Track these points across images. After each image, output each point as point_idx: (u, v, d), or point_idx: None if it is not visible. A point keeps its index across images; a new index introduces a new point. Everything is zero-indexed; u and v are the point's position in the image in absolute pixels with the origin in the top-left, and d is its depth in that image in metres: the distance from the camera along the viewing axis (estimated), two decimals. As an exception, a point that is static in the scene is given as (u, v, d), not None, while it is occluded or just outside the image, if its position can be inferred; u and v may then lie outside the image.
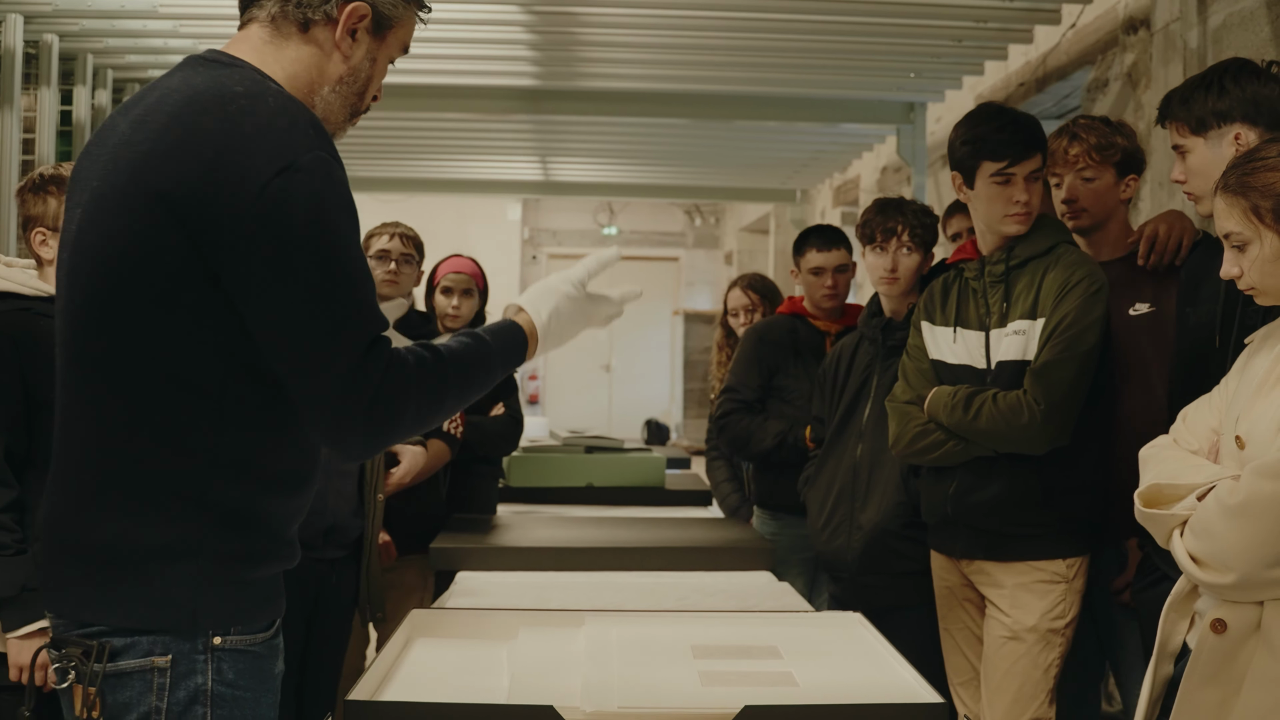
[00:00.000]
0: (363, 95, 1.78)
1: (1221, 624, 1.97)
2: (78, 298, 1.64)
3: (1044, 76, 5.63)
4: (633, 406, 15.12)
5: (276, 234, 1.54)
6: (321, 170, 1.58)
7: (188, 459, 1.60)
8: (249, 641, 1.66)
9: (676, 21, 4.98)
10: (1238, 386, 2.10)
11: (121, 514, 1.61)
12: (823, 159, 8.35)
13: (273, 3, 1.70)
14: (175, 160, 1.56)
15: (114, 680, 1.60)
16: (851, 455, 3.30)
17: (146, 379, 1.60)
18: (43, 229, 2.66)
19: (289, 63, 1.71)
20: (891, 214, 3.27)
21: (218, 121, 1.57)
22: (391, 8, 1.75)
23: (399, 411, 1.61)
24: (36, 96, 4.82)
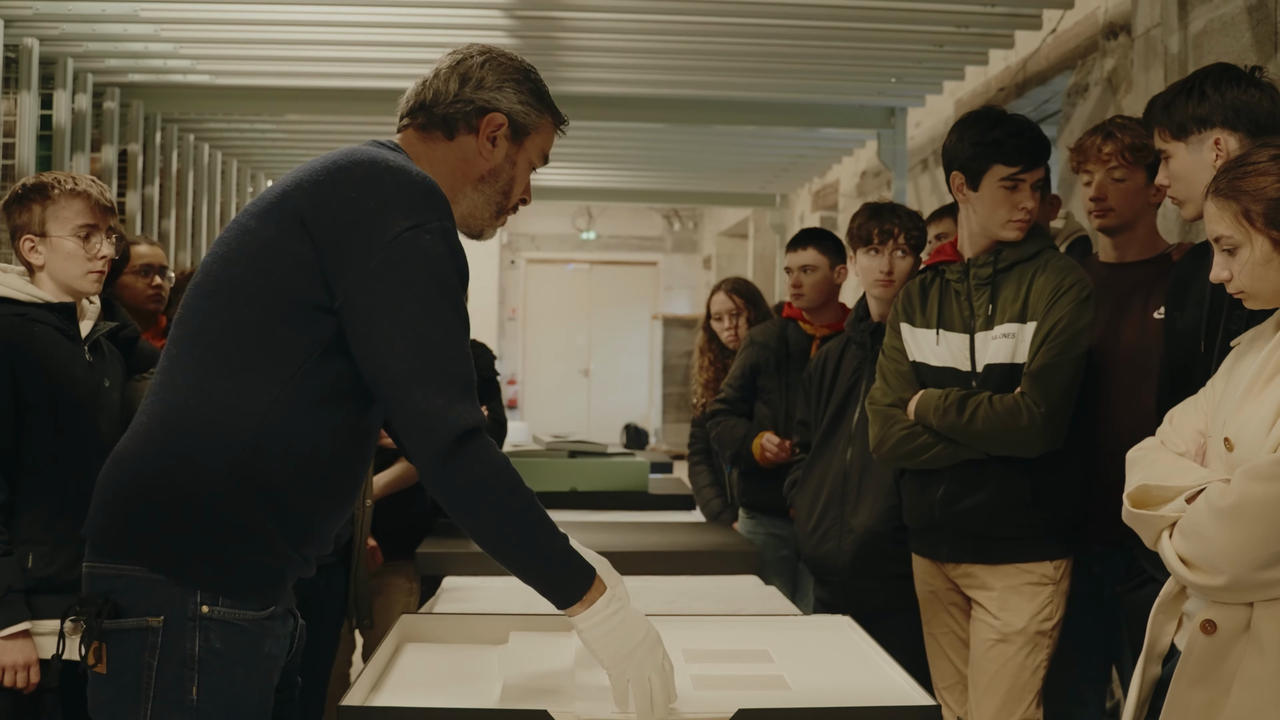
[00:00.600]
0: (507, 194, 2.03)
1: (1211, 625, 1.97)
2: (210, 276, 1.87)
3: (1024, 81, 5.67)
4: (612, 411, 15.11)
5: (398, 278, 1.78)
6: (446, 238, 1.83)
7: (246, 422, 1.79)
8: (238, 616, 1.82)
9: (656, 26, 4.99)
10: (1225, 388, 2.11)
11: (166, 457, 1.80)
12: (802, 164, 8.37)
13: (424, 114, 1.98)
14: (322, 191, 1.82)
15: (116, 636, 1.80)
16: (841, 459, 3.31)
17: (232, 344, 1.82)
18: (30, 236, 2.67)
19: (437, 162, 1.97)
20: (887, 216, 3.28)
21: (367, 173, 1.83)
22: (525, 116, 1.99)
23: (483, 457, 1.78)
24: (16, 101, 4.79)
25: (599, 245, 15.65)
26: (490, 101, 1.97)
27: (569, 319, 15.82)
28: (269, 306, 1.81)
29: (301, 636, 2.07)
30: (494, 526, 1.81)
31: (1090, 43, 4.99)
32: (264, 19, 4.90)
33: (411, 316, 1.77)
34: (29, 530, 2.57)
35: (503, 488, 1.80)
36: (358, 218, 1.79)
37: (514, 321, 15.62)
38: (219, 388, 1.81)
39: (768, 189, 9.66)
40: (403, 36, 5.06)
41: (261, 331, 1.81)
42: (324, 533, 1.96)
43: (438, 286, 1.79)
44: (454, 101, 1.97)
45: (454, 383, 1.78)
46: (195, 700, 1.79)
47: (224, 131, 7.08)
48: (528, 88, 2.00)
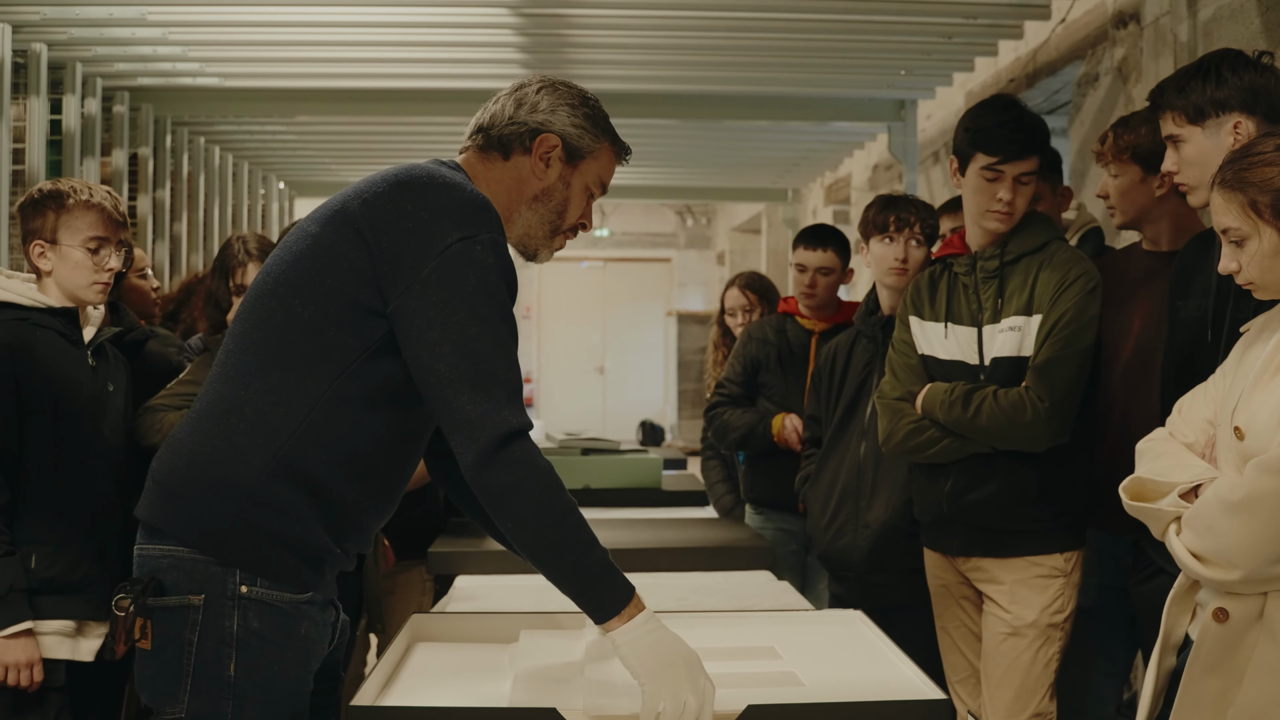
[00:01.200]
0: (561, 215, 2.08)
1: (1224, 613, 1.97)
2: (271, 274, 1.96)
3: (1034, 72, 5.64)
4: (627, 408, 15.12)
5: (448, 286, 1.85)
6: (496, 249, 1.89)
7: (293, 415, 1.88)
8: (275, 597, 1.90)
9: (663, 22, 4.98)
10: (1235, 376, 2.10)
11: (215, 442, 1.90)
12: (813, 158, 8.35)
13: (483, 136, 2.05)
14: (380, 201, 1.90)
15: (160, 614, 1.89)
16: (855, 454, 3.29)
17: (285, 341, 1.90)
18: (40, 242, 2.70)
19: (494, 182, 2.04)
20: (903, 206, 3.28)
21: (424, 187, 1.91)
22: (579, 139, 2.05)
23: (528, 460, 1.83)
24: (26, 106, 4.81)
25: (612, 242, 15.65)
26: (544, 123, 2.03)
27: (583, 316, 15.84)
28: (323, 307, 1.90)
29: (345, 631, 2.12)
30: (535, 530, 1.85)
31: (1100, 32, 4.96)
32: (271, 20, 4.90)
33: (460, 323, 1.84)
34: (32, 532, 2.60)
35: (544, 491, 1.84)
36: (412, 228, 1.87)
37: (528, 319, 15.63)
38: (270, 381, 1.90)
39: (779, 184, 9.65)
40: (411, 36, 5.07)
41: (314, 331, 1.90)
42: (365, 528, 2.03)
43: (486, 295, 1.86)
44: (509, 123, 2.04)
45: (500, 386, 1.84)
46: (233, 676, 1.88)
47: (235, 134, 7.10)
48: (583, 112, 2.06)
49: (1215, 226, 2.07)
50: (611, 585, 1.87)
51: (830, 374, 3.44)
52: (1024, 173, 2.79)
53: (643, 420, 14.27)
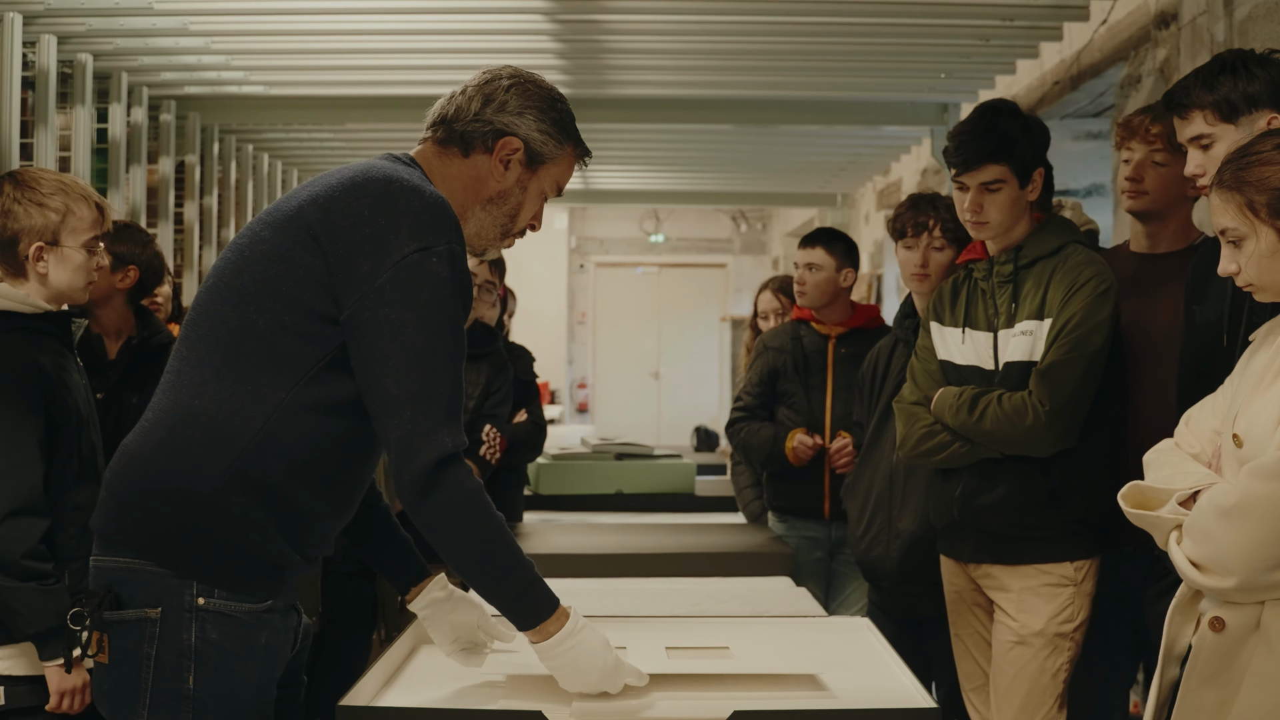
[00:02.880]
0: (514, 218, 2.06)
1: (1220, 622, 1.93)
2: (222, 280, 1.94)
3: (1078, 74, 5.56)
4: (682, 414, 15.08)
5: (401, 298, 1.83)
6: (453, 262, 1.87)
7: (249, 424, 1.86)
8: (234, 608, 1.88)
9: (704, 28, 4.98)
10: (1239, 384, 2.06)
11: (170, 453, 1.87)
12: (860, 162, 8.31)
13: (445, 129, 2.01)
14: (336, 206, 1.88)
15: (117, 627, 1.88)
16: (888, 461, 3.27)
17: (240, 349, 1.88)
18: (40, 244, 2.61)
19: (451, 178, 2.01)
20: (924, 209, 3.24)
21: (381, 190, 1.88)
22: (543, 145, 2.01)
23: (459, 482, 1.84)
24: (72, 115, 4.90)
25: (667, 248, 15.65)
26: (509, 125, 2.00)
27: (638, 322, 15.84)
28: (278, 315, 1.87)
29: (307, 635, 2.12)
30: (460, 550, 1.87)
31: (1143, 33, 4.89)
32: (310, 29, 4.96)
33: (410, 338, 1.83)
34: (63, 548, 2.52)
35: (469, 516, 1.85)
36: (368, 234, 1.85)
37: (584, 325, 15.67)
38: (225, 390, 1.88)
39: (828, 188, 9.61)
40: (452, 44, 5.08)
41: (269, 339, 1.87)
42: (325, 533, 2.02)
43: (439, 309, 1.85)
44: (473, 120, 2.00)
45: (441, 405, 1.84)
46: (192, 689, 1.86)
47: (283, 141, 7.19)
48: (551, 117, 2.02)
49: (1214, 227, 2.04)
50: (535, 603, 1.90)
51: (871, 379, 3.43)
52: (986, 182, 2.78)
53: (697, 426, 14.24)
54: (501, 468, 3.92)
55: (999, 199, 2.78)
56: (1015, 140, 2.78)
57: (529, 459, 4.21)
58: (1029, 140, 2.81)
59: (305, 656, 2.14)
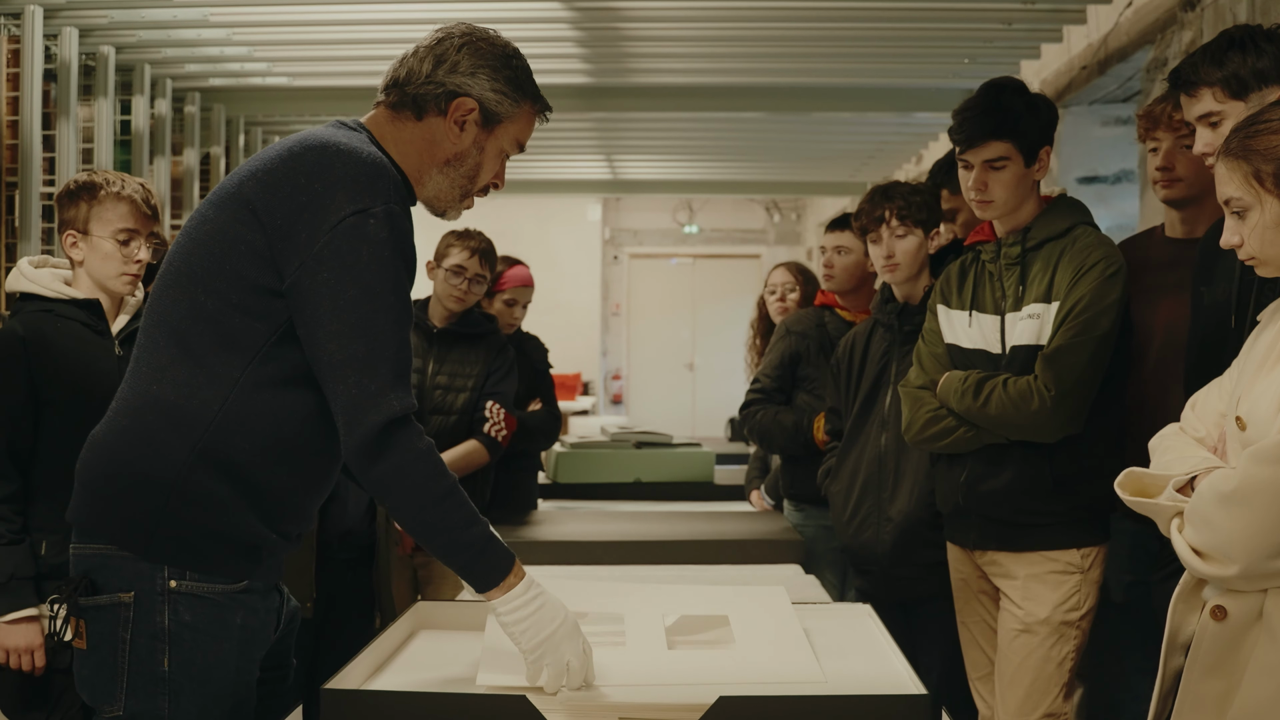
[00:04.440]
0: (473, 179, 2.02)
1: (1221, 610, 1.89)
2: (173, 265, 1.93)
3: (1105, 58, 5.49)
4: (716, 404, 15.02)
5: (341, 261, 1.81)
6: (392, 222, 1.84)
7: (209, 406, 1.86)
8: (207, 589, 1.88)
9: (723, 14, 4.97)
10: (1244, 366, 2.02)
11: (133, 440, 1.88)
12: (889, 149, 8.25)
13: (397, 92, 1.97)
14: (273, 177, 1.86)
15: (93, 613, 1.89)
16: (875, 445, 3.24)
17: (192, 332, 1.87)
18: (73, 232, 2.75)
19: (404, 143, 1.97)
20: (878, 201, 3.19)
21: (317, 158, 1.85)
22: (498, 104, 1.98)
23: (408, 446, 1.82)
24: (95, 107, 4.94)
25: (701, 239, 15.60)
26: (461, 86, 1.95)
27: (673, 313, 15.80)
28: (225, 294, 1.86)
29: (294, 618, 2.11)
30: (414, 512, 1.85)
31: (1169, 15, 4.81)
32: (330, 19, 4.98)
33: (351, 302, 1.81)
34: (44, 519, 2.64)
35: (422, 474, 1.83)
36: (305, 202, 1.83)
37: (618, 317, 15.65)
38: (182, 375, 1.87)
39: (857, 177, 9.55)
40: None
41: (219, 319, 1.86)
42: (301, 508, 2.00)
43: (379, 272, 1.82)
44: (425, 82, 1.95)
45: (387, 367, 1.82)
46: (167, 672, 1.87)
47: (310, 132, 7.22)
48: (505, 75, 1.97)
49: (1219, 198, 1.99)
50: (491, 559, 1.87)
51: (849, 363, 3.37)
52: (990, 159, 2.74)
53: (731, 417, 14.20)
54: (516, 454, 3.92)
55: (1003, 177, 2.74)
56: (1020, 116, 2.73)
57: (543, 446, 4.20)
58: (1034, 117, 2.76)
59: (293, 639, 2.13)
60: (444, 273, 3.72)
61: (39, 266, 2.80)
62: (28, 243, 4.38)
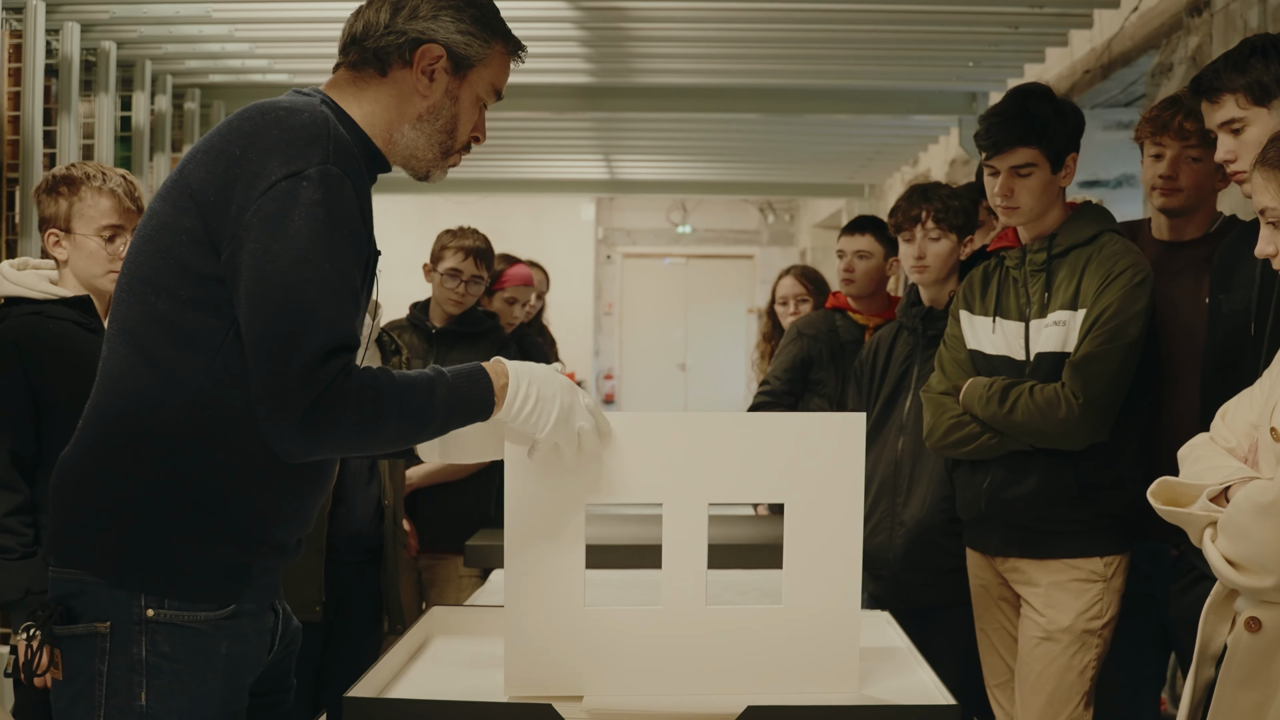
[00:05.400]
0: (451, 134, 1.86)
1: (1256, 622, 1.88)
2: (126, 268, 1.80)
3: (1109, 63, 5.49)
4: (708, 405, 15.05)
5: (270, 229, 1.65)
6: (328, 184, 1.67)
7: (174, 417, 1.72)
8: (187, 618, 1.75)
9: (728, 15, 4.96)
10: (1277, 375, 2.01)
11: (98, 460, 1.76)
12: (889, 152, 8.26)
13: (356, 49, 1.82)
14: (209, 155, 1.72)
15: (69, 642, 1.76)
16: (893, 449, 3.22)
17: (147, 337, 1.74)
18: (55, 230, 2.65)
19: (368, 102, 1.82)
20: (916, 200, 3.18)
21: (254, 125, 1.70)
22: (467, 47, 1.82)
23: (334, 422, 1.66)
24: (95, 103, 4.90)
25: (694, 239, 15.60)
26: (425, 32, 1.80)
27: (665, 313, 15.81)
28: (173, 290, 1.72)
29: (295, 637, 1.99)
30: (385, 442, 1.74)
31: (1174, 20, 4.81)
32: (334, 16, 4.92)
33: (280, 270, 1.64)
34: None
35: (364, 424, 1.68)
36: (238, 174, 1.68)
37: (610, 316, 15.66)
38: (143, 384, 1.74)
39: (856, 179, 9.56)
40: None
41: (171, 318, 1.72)
42: (295, 514, 1.85)
43: (311, 239, 1.65)
44: (385, 33, 1.80)
45: (314, 345, 1.64)
46: (144, 706, 1.73)
47: (309, 130, 7.18)
48: (470, 14, 1.82)
49: (1254, 208, 1.99)
50: (472, 394, 1.76)
51: (872, 366, 3.37)
52: (1016, 165, 2.72)
53: (723, 418, 14.19)
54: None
55: (1030, 183, 2.73)
56: (1047, 123, 2.72)
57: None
58: (1061, 124, 2.75)
59: (293, 661, 2.00)
60: (440, 276, 3.70)
61: (21, 269, 2.69)
62: (29, 239, 4.34)
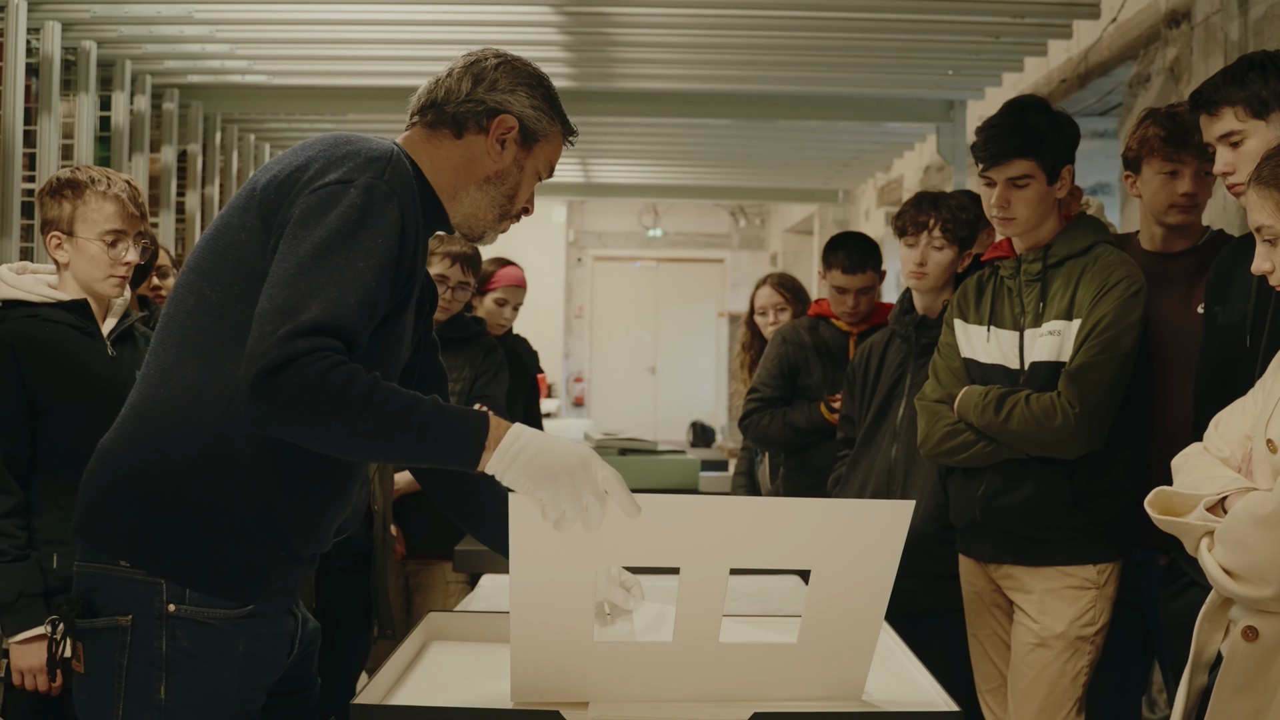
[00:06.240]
0: (512, 199, 1.99)
1: (1253, 631, 1.91)
2: (186, 265, 1.89)
3: (1086, 72, 5.55)
4: (678, 408, 15.05)
5: (305, 221, 1.75)
6: (371, 194, 1.77)
7: (214, 406, 1.78)
8: (207, 614, 1.81)
9: (709, 21, 4.97)
10: (1271, 387, 2.04)
11: (138, 446, 1.81)
12: (864, 158, 8.29)
13: (434, 112, 1.96)
14: (280, 165, 1.86)
15: (91, 636, 1.82)
16: (886, 456, 3.24)
17: (197, 328, 1.81)
18: (57, 233, 2.65)
19: (440, 160, 1.96)
20: (925, 208, 3.20)
21: (326, 144, 1.85)
22: (537, 122, 1.97)
23: (292, 389, 1.64)
24: (75, 103, 4.87)
25: (665, 242, 15.62)
26: (503, 103, 1.95)
27: (636, 316, 15.82)
28: (228, 285, 1.81)
29: (313, 639, 2.05)
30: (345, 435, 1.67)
31: (1152, 31, 4.87)
32: (315, 19, 4.93)
33: (298, 256, 1.71)
34: (52, 531, 2.56)
35: (328, 394, 1.65)
36: (298, 177, 1.80)
37: (581, 319, 15.64)
38: (188, 374, 1.81)
39: (830, 184, 9.59)
40: (457, 35, 5.05)
41: (223, 312, 1.80)
42: (313, 525, 1.90)
43: (337, 232, 1.72)
44: (465, 100, 1.95)
45: (307, 315, 1.66)
46: (163, 700, 1.80)
47: (284, 131, 7.16)
48: (540, 93, 1.98)
49: (1250, 225, 2.02)
50: (457, 425, 1.71)
51: (864, 373, 3.39)
52: (1013, 177, 2.75)
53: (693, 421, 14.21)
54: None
55: (1026, 195, 2.76)
56: (1044, 135, 2.75)
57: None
58: (1058, 136, 2.78)
59: (314, 661, 2.07)
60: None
61: (20, 273, 2.69)
62: (9, 240, 4.30)
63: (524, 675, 1.89)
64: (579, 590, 1.79)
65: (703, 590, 1.81)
